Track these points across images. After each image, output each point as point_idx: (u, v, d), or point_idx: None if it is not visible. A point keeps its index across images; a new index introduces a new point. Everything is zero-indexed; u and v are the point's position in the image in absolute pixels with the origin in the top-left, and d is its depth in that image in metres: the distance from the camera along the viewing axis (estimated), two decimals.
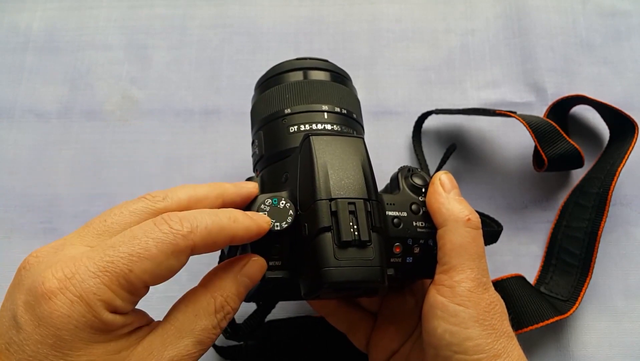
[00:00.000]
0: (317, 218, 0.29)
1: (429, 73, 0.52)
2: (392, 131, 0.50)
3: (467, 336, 0.30)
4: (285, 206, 0.30)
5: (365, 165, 0.31)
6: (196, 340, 0.26)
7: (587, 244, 0.44)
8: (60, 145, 0.50)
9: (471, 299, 0.30)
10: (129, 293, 0.25)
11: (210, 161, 0.49)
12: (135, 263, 0.24)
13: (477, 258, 0.31)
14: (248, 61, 0.52)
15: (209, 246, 0.27)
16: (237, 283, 0.28)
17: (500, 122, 0.50)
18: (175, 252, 0.25)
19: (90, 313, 0.24)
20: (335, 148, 0.31)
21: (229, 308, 0.28)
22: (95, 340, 0.24)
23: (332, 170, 0.30)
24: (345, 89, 0.38)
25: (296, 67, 0.38)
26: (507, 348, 0.31)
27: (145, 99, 0.51)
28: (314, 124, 0.35)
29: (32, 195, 0.48)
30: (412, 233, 0.32)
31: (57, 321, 0.23)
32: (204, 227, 0.26)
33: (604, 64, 0.52)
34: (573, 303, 0.43)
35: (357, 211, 0.29)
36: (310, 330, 0.43)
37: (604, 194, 0.44)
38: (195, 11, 0.54)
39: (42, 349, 0.23)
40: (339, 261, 0.28)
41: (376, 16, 0.54)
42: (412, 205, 0.33)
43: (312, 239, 0.29)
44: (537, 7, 0.54)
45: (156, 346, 0.25)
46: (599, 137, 0.50)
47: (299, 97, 0.36)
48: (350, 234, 0.29)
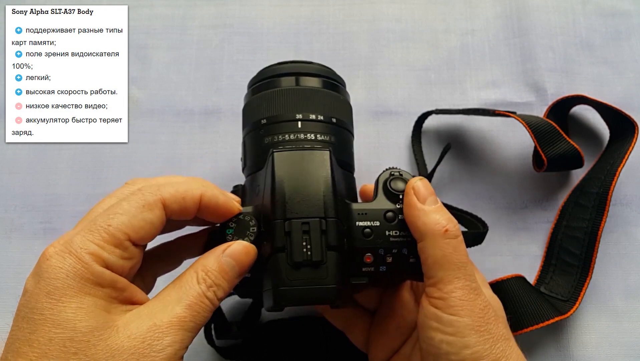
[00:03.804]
0: (273, 238, 0.30)
1: (429, 73, 0.52)
2: (392, 130, 0.50)
3: (464, 344, 0.30)
4: (249, 223, 0.32)
5: (326, 180, 0.31)
6: (185, 306, 0.28)
7: (587, 244, 0.44)
8: (60, 145, 0.50)
9: (464, 307, 0.30)
10: (114, 246, 0.28)
11: (210, 161, 0.49)
12: (112, 218, 0.28)
13: (461, 266, 0.31)
14: (248, 61, 0.52)
15: (179, 202, 0.30)
16: (219, 262, 0.30)
17: (500, 122, 0.50)
18: (147, 205, 0.29)
19: (80, 263, 0.27)
20: (296, 164, 0.32)
21: (211, 281, 0.29)
22: (85, 291, 0.27)
23: (290, 189, 0.31)
24: (328, 93, 0.37)
25: (276, 73, 0.37)
26: (506, 351, 0.31)
27: (145, 99, 0.51)
28: (286, 135, 0.35)
29: (32, 195, 0.48)
30: (384, 243, 0.32)
31: (52, 273, 0.26)
32: (169, 183, 0.30)
33: (604, 64, 0.52)
34: (573, 303, 0.43)
35: (311, 231, 0.30)
36: (311, 330, 0.43)
37: (604, 194, 0.44)
38: (195, 11, 0.54)
39: (39, 298, 0.26)
40: (291, 281, 0.29)
41: (376, 16, 0.54)
42: (386, 213, 0.33)
43: (269, 258, 0.30)
44: (537, 7, 0.54)
45: (145, 313, 0.27)
46: (599, 137, 0.50)
47: (273, 107, 0.36)
48: (303, 254, 0.30)
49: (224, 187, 0.48)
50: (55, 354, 0.25)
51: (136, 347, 0.26)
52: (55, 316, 0.26)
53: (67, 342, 0.25)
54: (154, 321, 0.27)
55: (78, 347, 0.25)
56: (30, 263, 0.46)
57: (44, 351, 0.25)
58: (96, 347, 0.26)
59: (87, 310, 0.26)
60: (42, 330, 0.26)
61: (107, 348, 0.26)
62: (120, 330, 0.26)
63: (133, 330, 0.27)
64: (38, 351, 0.25)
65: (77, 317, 0.26)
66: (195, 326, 0.28)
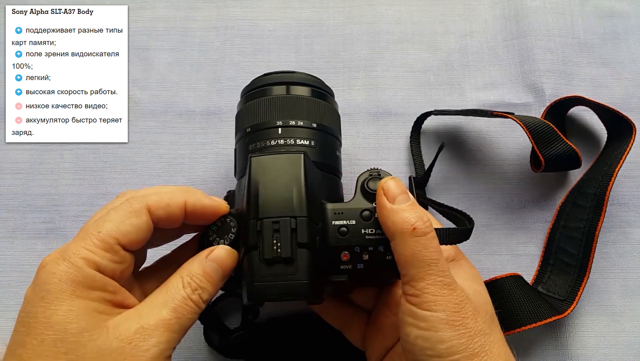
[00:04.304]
0: (247, 237, 0.32)
1: (428, 74, 0.53)
2: (392, 132, 0.50)
3: (439, 339, 0.30)
4: (230, 224, 0.34)
5: (298, 181, 0.33)
6: (170, 309, 0.29)
7: (585, 245, 0.45)
8: (61, 145, 0.50)
9: (437, 302, 0.30)
10: (104, 250, 0.29)
11: (211, 162, 0.49)
12: (101, 225, 0.30)
13: (432, 263, 0.31)
14: (249, 63, 0.53)
15: (164, 208, 0.32)
16: (202, 265, 0.31)
17: (499, 123, 0.50)
18: (133, 212, 0.31)
19: (72, 268, 0.28)
20: (271, 168, 0.33)
21: (195, 284, 0.31)
22: (77, 294, 0.28)
23: (264, 190, 0.33)
24: (309, 100, 0.39)
25: (259, 85, 0.40)
26: (485, 346, 0.30)
27: (147, 99, 0.52)
28: (268, 141, 0.37)
29: (34, 195, 0.49)
30: (360, 241, 0.33)
31: (46, 278, 0.28)
32: (155, 192, 0.32)
33: (602, 65, 0.53)
34: (570, 303, 0.43)
35: (281, 229, 0.32)
36: (310, 328, 0.43)
37: (601, 195, 0.45)
38: (196, 13, 0.55)
39: (34, 303, 0.28)
40: (263, 277, 0.31)
41: (376, 18, 0.54)
42: (363, 212, 0.34)
43: (244, 256, 0.32)
44: (535, 8, 0.54)
45: (133, 316, 0.29)
46: (597, 137, 0.50)
47: (257, 116, 0.38)
48: (273, 251, 0.31)
49: (225, 187, 0.48)
50: (46, 354, 0.27)
51: (123, 347, 0.28)
52: (47, 319, 0.27)
53: (57, 343, 0.27)
54: (141, 324, 0.28)
55: (68, 347, 0.27)
56: (32, 263, 0.47)
57: (37, 352, 0.27)
58: (85, 347, 0.27)
59: (77, 312, 0.28)
60: (35, 333, 0.27)
61: (96, 348, 0.27)
62: (110, 331, 0.28)
63: (121, 331, 0.28)
64: (31, 353, 0.27)
65: (68, 319, 0.27)
66: (180, 328, 0.30)
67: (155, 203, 0.32)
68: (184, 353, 0.44)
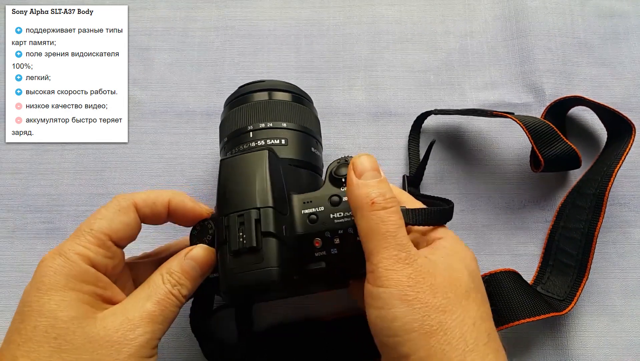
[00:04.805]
0: (218, 233, 0.34)
1: (428, 74, 0.53)
2: (392, 131, 0.50)
3: (392, 316, 0.29)
4: (208, 226, 0.35)
5: (262, 175, 0.34)
6: (153, 302, 0.31)
7: (584, 245, 0.44)
8: (61, 145, 0.50)
9: (390, 277, 0.29)
10: (97, 246, 0.32)
11: (211, 162, 0.49)
12: (93, 223, 0.32)
13: (388, 236, 0.30)
14: (249, 63, 0.53)
15: (150, 206, 0.35)
16: (181, 263, 0.33)
17: (499, 122, 0.50)
18: (121, 209, 0.33)
19: (67, 262, 0.31)
20: (237, 167, 0.35)
21: (174, 280, 0.32)
22: (70, 286, 0.30)
23: (229, 189, 0.34)
24: (277, 102, 0.41)
25: (232, 98, 0.42)
26: (444, 325, 0.29)
27: (147, 100, 0.52)
28: (241, 145, 0.39)
29: (34, 195, 0.49)
30: (329, 226, 0.35)
31: (42, 272, 0.31)
32: (144, 193, 0.35)
33: (602, 65, 0.53)
34: (569, 303, 0.43)
35: (245, 221, 0.32)
36: (314, 334, 0.43)
37: (601, 196, 0.45)
38: (196, 13, 0.55)
39: (30, 294, 0.30)
40: (232, 268, 0.32)
41: (376, 18, 0.54)
42: (331, 197, 0.35)
43: (217, 252, 0.34)
44: (535, 8, 0.54)
45: (119, 310, 0.31)
46: (596, 138, 0.50)
47: (231, 126, 0.41)
48: (238, 243, 0.32)
49: None
50: (37, 339, 0.29)
51: (110, 336, 0.30)
52: (40, 307, 0.30)
53: (48, 328, 0.29)
54: (127, 316, 0.30)
55: (58, 333, 0.29)
56: (32, 263, 0.46)
57: (29, 337, 0.29)
58: (75, 333, 0.29)
59: (69, 302, 0.30)
60: (28, 320, 0.29)
61: (84, 335, 0.29)
62: (97, 322, 0.30)
63: (108, 322, 0.30)
64: (24, 337, 0.29)
65: (59, 308, 0.30)
66: (164, 320, 0.31)
67: (141, 201, 0.34)
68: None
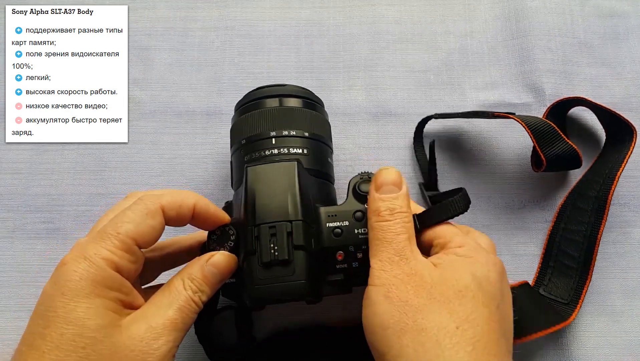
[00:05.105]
0: (246, 243, 0.34)
1: (428, 74, 0.53)
2: (392, 132, 0.50)
3: (374, 312, 0.30)
4: (229, 232, 0.35)
5: (292, 187, 0.34)
6: (175, 309, 0.31)
7: (587, 248, 0.44)
8: (61, 145, 0.50)
9: (380, 277, 0.31)
10: (123, 251, 0.31)
11: (212, 162, 0.49)
12: (120, 226, 0.31)
13: (385, 242, 0.32)
14: (249, 63, 0.53)
15: (176, 209, 0.33)
16: (202, 269, 0.33)
17: (499, 123, 0.50)
18: (149, 213, 0.32)
19: (93, 267, 0.30)
20: (266, 176, 0.35)
21: (195, 287, 0.32)
22: (96, 293, 0.29)
23: (260, 198, 0.34)
24: (301, 110, 0.41)
25: (252, 98, 0.42)
26: (420, 325, 0.29)
27: (147, 100, 0.52)
28: (262, 151, 0.39)
29: (34, 195, 0.49)
30: (353, 241, 0.35)
31: (67, 276, 0.29)
32: (168, 193, 0.34)
33: (602, 65, 0.53)
34: (574, 307, 0.43)
35: (277, 233, 0.33)
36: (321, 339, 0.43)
37: (603, 198, 0.44)
38: (196, 13, 0.55)
39: (55, 298, 0.29)
40: (262, 280, 0.33)
41: (376, 18, 0.54)
42: (355, 213, 0.36)
43: (244, 261, 0.34)
44: (535, 8, 0.54)
45: (140, 316, 0.31)
46: (597, 138, 0.50)
47: (251, 128, 0.40)
48: (270, 255, 0.33)
49: (225, 188, 0.48)
50: (65, 347, 0.28)
51: (135, 345, 0.29)
52: (67, 314, 0.29)
53: (76, 337, 0.28)
54: (150, 324, 0.30)
55: (86, 342, 0.28)
56: (32, 263, 0.47)
57: (56, 345, 0.28)
58: (102, 343, 0.29)
59: (96, 310, 0.29)
60: (54, 326, 0.29)
61: (111, 344, 0.29)
62: (123, 330, 0.30)
63: (133, 331, 0.30)
64: (50, 345, 0.28)
65: (87, 316, 0.29)
66: (184, 327, 0.31)
67: (168, 204, 0.33)
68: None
